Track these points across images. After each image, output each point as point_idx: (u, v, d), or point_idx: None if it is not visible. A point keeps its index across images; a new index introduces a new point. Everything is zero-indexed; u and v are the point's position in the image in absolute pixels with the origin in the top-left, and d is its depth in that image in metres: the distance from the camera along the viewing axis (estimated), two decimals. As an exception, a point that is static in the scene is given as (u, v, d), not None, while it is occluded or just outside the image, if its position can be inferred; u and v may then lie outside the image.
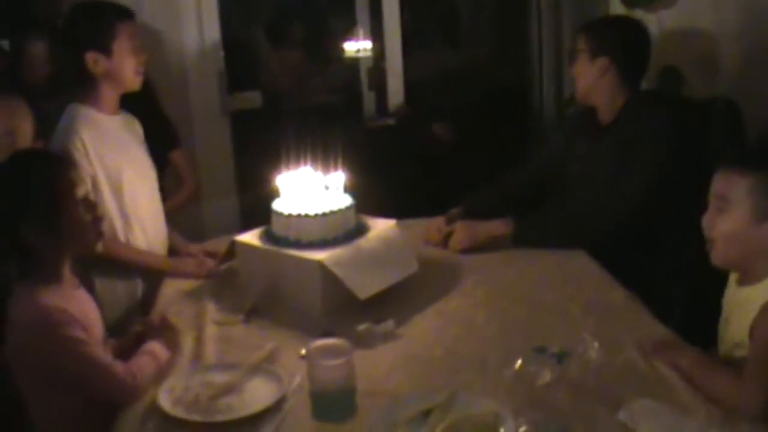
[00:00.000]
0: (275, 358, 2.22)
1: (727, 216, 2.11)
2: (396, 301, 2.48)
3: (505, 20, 4.98)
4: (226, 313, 2.52)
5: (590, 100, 3.17)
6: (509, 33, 4.88)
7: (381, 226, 2.66)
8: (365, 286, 2.44)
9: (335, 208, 2.54)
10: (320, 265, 2.43)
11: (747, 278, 2.16)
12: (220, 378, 2.09)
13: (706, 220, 2.16)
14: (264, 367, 2.16)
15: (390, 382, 2.10)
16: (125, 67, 2.82)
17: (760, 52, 3.87)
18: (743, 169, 2.09)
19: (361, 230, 2.59)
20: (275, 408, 1.97)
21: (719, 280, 2.32)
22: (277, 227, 2.58)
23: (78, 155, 2.70)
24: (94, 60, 2.78)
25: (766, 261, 2.09)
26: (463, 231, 2.98)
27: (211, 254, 2.94)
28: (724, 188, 2.12)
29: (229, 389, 2.06)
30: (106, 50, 2.78)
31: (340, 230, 2.53)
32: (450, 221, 3.09)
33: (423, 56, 4.95)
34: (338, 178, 2.66)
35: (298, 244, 2.50)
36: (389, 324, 2.33)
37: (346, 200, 2.61)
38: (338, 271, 2.42)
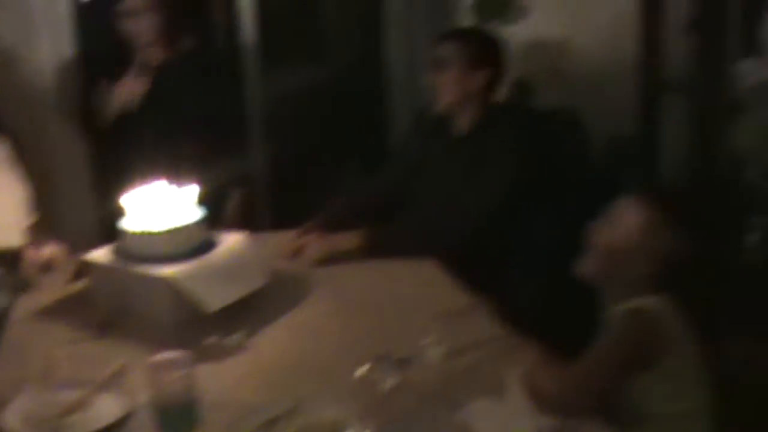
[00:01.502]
0: (126, 374, 2.22)
1: (613, 232, 2.21)
2: (246, 314, 2.50)
3: (361, 33, 5.05)
4: (78, 331, 2.50)
5: (455, 110, 3.21)
6: (365, 46, 4.94)
7: (231, 240, 2.68)
8: (213, 300, 2.46)
9: (183, 223, 2.55)
10: (168, 281, 2.44)
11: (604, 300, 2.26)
12: (68, 396, 2.07)
13: (593, 228, 2.24)
14: (113, 383, 2.16)
15: (238, 394, 2.12)
16: None
17: (603, 64, 4.04)
18: (641, 202, 2.20)
19: (210, 244, 2.60)
20: (121, 424, 1.97)
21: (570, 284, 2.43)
22: (126, 244, 2.58)
23: None
24: None
25: (620, 290, 2.19)
26: (315, 244, 3.01)
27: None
28: (621, 211, 2.22)
29: (77, 407, 2.05)
30: None
31: (189, 245, 2.54)
32: (304, 235, 3.10)
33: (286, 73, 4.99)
34: (191, 191, 2.68)
35: (147, 260, 2.51)
36: (238, 337, 2.35)
37: (196, 214, 2.62)
38: (186, 286, 2.43)
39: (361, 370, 2.11)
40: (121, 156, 3.55)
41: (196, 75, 3.58)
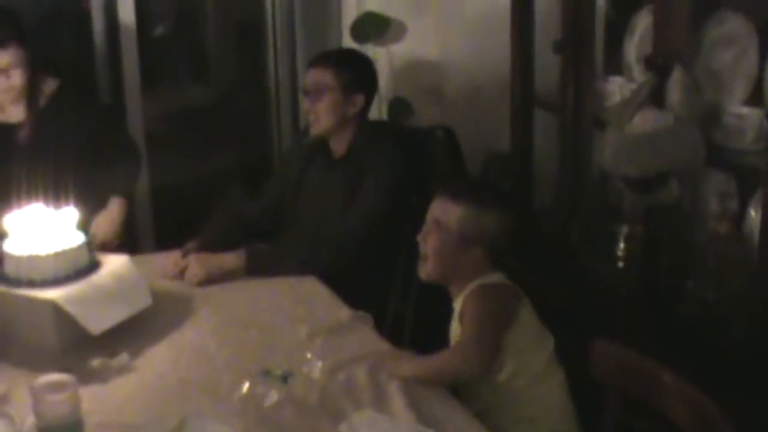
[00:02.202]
0: (8, 399, 2.22)
1: (437, 235, 2.40)
2: (131, 335, 2.53)
3: (245, 54, 5.09)
4: (-42, 358, 2.50)
5: (332, 134, 3.28)
6: (249, 66, 4.98)
7: (113, 262, 2.70)
8: (98, 322, 2.48)
9: (65, 246, 2.56)
10: (53, 304, 2.45)
11: (455, 294, 2.48)
12: (-49, 424, 2.09)
13: (420, 237, 2.47)
14: (-4, 408, 2.17)
15: (124, 414, 2.15)
16: None
17: (478, 83, 4.18)
18: (456, 199, 2.42)
19: (93, 267, 2.62)
20: (6, 448, 2.00)
21: (445, 298, 2.54)
22: (8, 267, 2.58)
23: None
24: None
25: (463, 277, 2.43)
26: (197, 264, 3.01)
27: None
28: (439, 212, 2.43)
29: (-40, 434, 2.06)
30: None
31: (72, 268, 2.55)
32: (186, 254, 3.11)
33: (168, 91, 4.98)
34: (70, 214, 2.68)
35: (30, 284, 2.51)
36: (123, 357, 2.38)
37: (78, 237, 2.64)
38: (70, 309, 2.45)
39: (244, 387, 2.17)
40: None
41: (71, 111, 3.48)
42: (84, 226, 2.70)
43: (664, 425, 2.09)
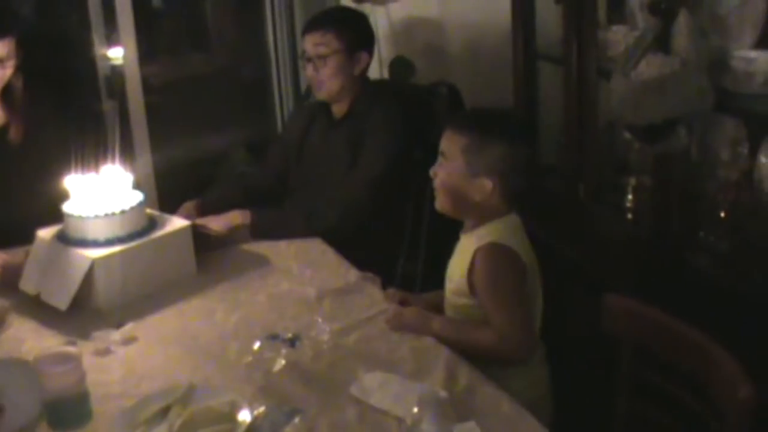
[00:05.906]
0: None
1: (445, 168, 2.34)
2: (135, 305, 2.51)
3: (244, 21, 5.05)
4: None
5: (336, 97, 3.22)
6: (248, 33, 4.94)
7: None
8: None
9: (135, 202, 2.61)
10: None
11: (466, 228, 2.40)
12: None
13: (432, 171, 2.39)
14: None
15: (131, 384, 2.12)
16: None
17: (480, 38, 4.13)
18: (461, 130, 2.33)
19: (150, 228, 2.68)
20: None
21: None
22: (74, 229, 2.57)
23: None
24: None
25: (476, 213, 2.35)
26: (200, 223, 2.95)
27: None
28: (445, 144, 2.36)
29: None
30: None
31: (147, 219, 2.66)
32: (188, 216, 3.01)
33: (168, 62, 4.95)
34: (124, 175, 2.68)
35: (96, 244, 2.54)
36: (128, 327, 2.35)
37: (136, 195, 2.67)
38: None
39: (252, 352, 2.14)
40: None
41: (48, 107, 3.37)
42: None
43: (678, 377, 2.05)
